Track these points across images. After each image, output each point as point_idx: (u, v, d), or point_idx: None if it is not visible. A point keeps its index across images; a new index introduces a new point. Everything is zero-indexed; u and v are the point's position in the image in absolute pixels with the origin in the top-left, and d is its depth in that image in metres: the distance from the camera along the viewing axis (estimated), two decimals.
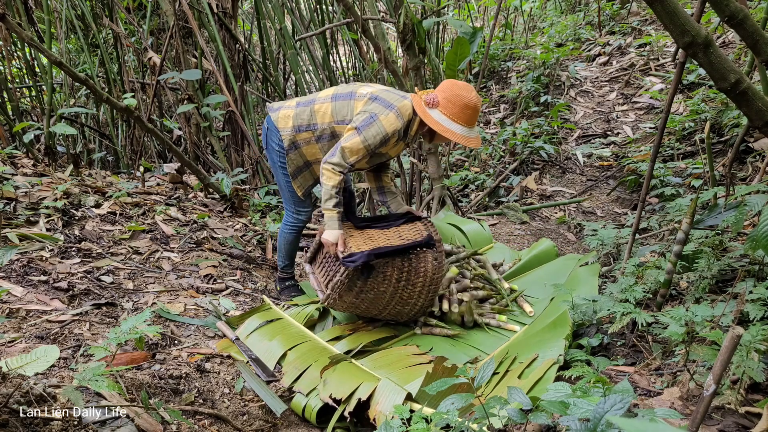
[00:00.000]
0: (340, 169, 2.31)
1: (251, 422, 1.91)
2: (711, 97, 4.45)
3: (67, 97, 5.18)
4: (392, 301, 2.39)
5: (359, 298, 2.35)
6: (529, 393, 1.76)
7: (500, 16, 7.14)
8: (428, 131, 2.43)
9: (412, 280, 2.37)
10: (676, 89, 2.35)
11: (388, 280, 2.33)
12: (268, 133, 2.62)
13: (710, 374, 1.13)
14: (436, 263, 2.40)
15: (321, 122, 2.47)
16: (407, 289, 2.38)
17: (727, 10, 1.68)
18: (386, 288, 2.34)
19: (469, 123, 2.33)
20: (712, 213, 2.35)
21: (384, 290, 2.35)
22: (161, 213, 3.54)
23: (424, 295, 2.42)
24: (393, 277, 2.33)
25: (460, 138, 2.30)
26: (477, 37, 3.97)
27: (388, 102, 2.33)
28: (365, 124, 2.28)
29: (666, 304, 2.14)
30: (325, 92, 2.52)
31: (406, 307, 2.44)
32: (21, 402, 1.36)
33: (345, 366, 2.14)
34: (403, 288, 2.37)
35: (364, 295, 2.34)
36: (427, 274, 2.38)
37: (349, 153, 2.30)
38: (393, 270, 2.33)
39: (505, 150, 5.18)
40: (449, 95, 2.30)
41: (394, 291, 2.36)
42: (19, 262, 2.46)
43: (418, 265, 2.37)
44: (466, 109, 2.30)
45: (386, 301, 2.39)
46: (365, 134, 2.27)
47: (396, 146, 2.46)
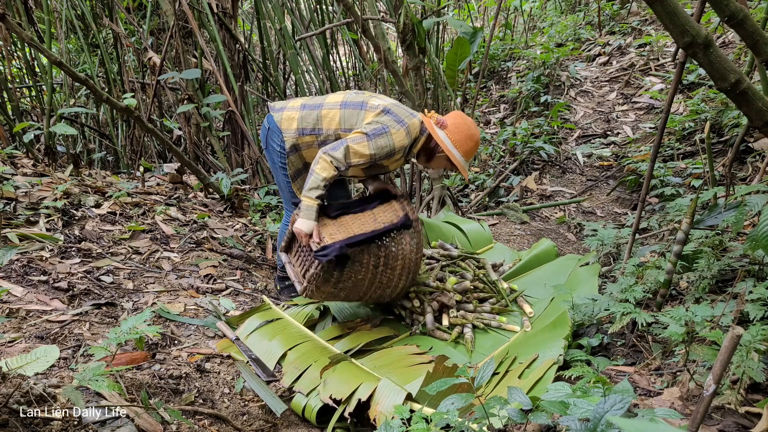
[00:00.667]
0: (338, 164, 2.28)
1: (251, 422, 1.91)
2: (711, 97, 4.45)
3: (67, 97, 5.18)
4: (372, 287, 2.37)
5: (337, 287, 2.31)
6: (529, 393, 1.76)
7: (500, 16, 7.14)
8: (426, 153, 2.46)
9: (390, 264, 2.33)
10: (676, 89, 2.35)
11: (365, 268, 2.29)
12: (269, 133, 2.59)
13: (710, 374, 1.13)
14: (414, 244, 2.37)
15: (327, 128, 2.45)
16: (386, 273, 2.34)
17: (727, 10, 1.68)
18: (364, 275, 2.31)
19: (468, 155, 2.41)
20: (712, 213, 2.35)
21: (362, 278, 2.31)
22: (161, 213, 3.54)
23: (405, 276, 2.40)
24: (370, 264, 2.29)
25: (459, 163, 2.37)
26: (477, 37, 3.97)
27: (400, 118, 2.34)
28: (376, 133, 2.28)
29: (666, 304, 2.14)
30: (334, 98, 2.50)
31: (387, 290, 2.42)
32: (21, 402, 1.36)
33: (345, 366, 2.13)
34: (382, 273, 2.33)
35: (342, 284, 2.30)
36: (406, 257, 2.35)
37: (353, 154, 2.28)
38: (369, 257, 2.29)
39: (505, 150, 5.18)
40: (458, 122, 2.39)
41: (372, 277, 2.33)
42: (19, 262, 2.46)
43: (396, 248, 2.34)
44: (469, 141, 2.38)
45: (366, 287, 2.35)
46: (374, 143, 2.27)
47: (397, 161, 2.46)
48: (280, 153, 2.56)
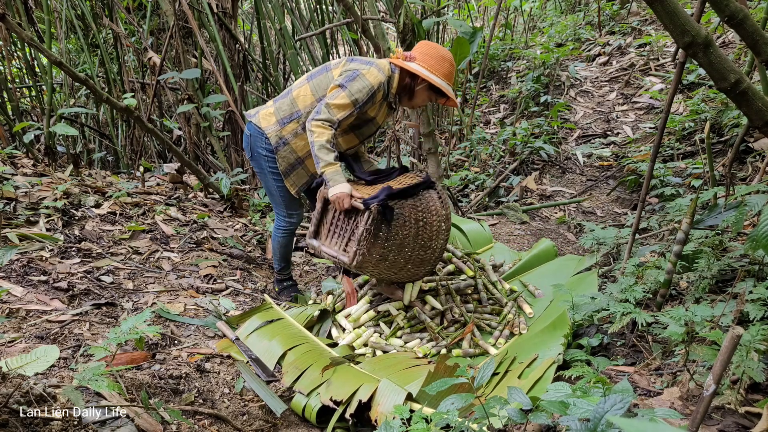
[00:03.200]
0: (329, 124, 2.26)
1: (251, 422, 1.91)
2: (711, 97, 4.45)
3: (67, 97, 5.18)
4: (416, 246, 2.36)
5: (386, 248, 2.29)
6: (529, 393, 1.76)
7: (500, 16, 7.14)
8: (407, 91, 2.42)
9: (428, 218, 2.36)
10: (676, 89, 2.35)
11: (408, 222, 2.31)
12: (251, 140, 2.57)
13: (710, 374, 1.13)
14: (441, 201, 2.41)
15: (303, 106, 2.45)
16: (426, 228, 2.36)
17: (727, 10, 1.68)
18: (408, 230, 2.31)
19: (448, 78, 2.35)
20: (712, 213, 2.35)
21: (407, 233, 2.31)
22: (161, 213, 3.54)
23: (442, 234, 2.42)
24: (411, 218, 2.31)
25: (441, 86, 2.33)
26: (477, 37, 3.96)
27: (366, 60, 2.37)
28: (349, 79, 2.28)
29: (666, 304, 2.14)
30: (299, 79, 2.54)
31: (428, 252, 2.41)
32: (21, 402, 1.36)
33: (344, 369, 2.14)
34: (422, 228, 2.34)
35: (390, 243, 2.29)
36: (439, 211, 2.38)
37: (336, 108, 2.26)
38: (410, 211, 2.31)
39: (505, 150, 5.17)
40: (425, 50, 2.36)
41: (415, 233, 2.33)
42: (19, 262, 2.46)
43: (428, 204, 2.37)
44: (443, 61, 2.34)
45: (410, 246, 2.35)
46: (350, 88, 2.26)
47: (381, 108, 2.45)
48: (267, 156, 2.54)
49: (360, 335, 2.47)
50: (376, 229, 2.24)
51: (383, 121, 2.54)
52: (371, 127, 2.51)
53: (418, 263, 2.43)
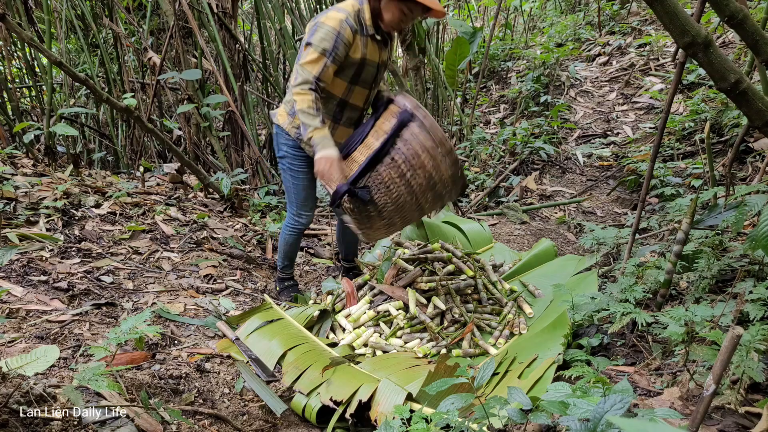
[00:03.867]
0: (308, 86, 2.19)
1: (251, 422, 1.91)
2: (711, 97, 4.45)
3: (67, 97, 5.18)
4: (420, 192, 2.17)
5: (384, 216, 2.19)
6: (529, 393, 1.76)
7: (500, 16, 7.14)
8: (385, 12, 2.26)
9: (415, 162, 2.12)
10: (676, 89, 2.35)
11: (393, 183, 2.13)
12: (276, 138, 2.61)
13: (710, 374, 1.13)
14: (426, 130, 2.12)
15: None
16: (417, 174, 2.13)
17: (727, 10, 1.68)
18: (398, 190, 2.14)
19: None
20: (712, 213, 2.35)
21: (398, 193, 2.14)
22: (161, 213, 3.54)
23: (443, 159, 2.13)
24: (393, 178, 2.13)
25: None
26: (477, 37, 3.97)
27: (327, 10, 2.31)
28: (311, 33, 2.23)
29: (666, 304, 2.14)
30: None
31: (438, 185, 2.18)
32: (21, 402, 1.36)
33: (344, 368, 2.14)
34: (413, 177, 2.12)
35: (386, 211, 2.17)
36: (426, 144, 2.11)
37: (308, 65, 2.20)
38: (387, 173, 2.13)
39: (505, 150, 5.17)
40: None
41: (407, 186, 2.14)
42: (19, 262, 2.46)
43: (410, 147, 2.13)
44: None
45: (411, 198, 2.18)
46: (314, 41, 2.19)
47: (367, 46, 2.32)
48: (289, 152, 2.55)
49: (360, 335, 2.47)
50: (361, 213, 2.16)
51: (381, 59, 2.41)
52: (369, 69, 2.38)
53: (436, 199, 2.23)
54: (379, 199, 2.16)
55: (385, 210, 2.19)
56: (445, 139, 2.14)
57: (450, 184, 2.24)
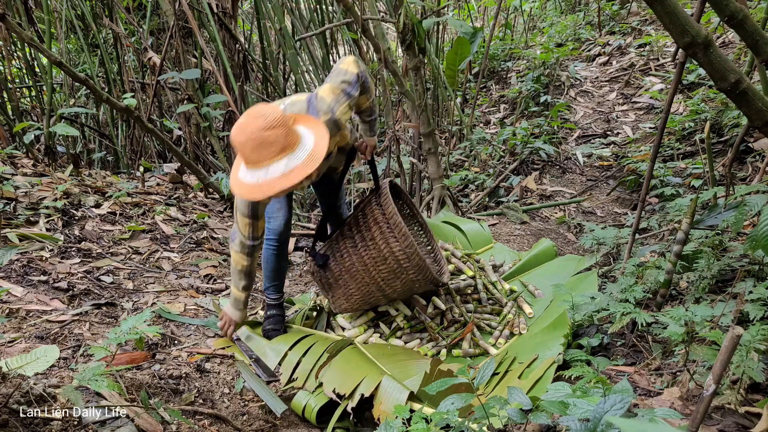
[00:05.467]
0: (246, 250, 2.09)
1: (251, 422, 1.91)
2: (711, 97, 4.45)
3: (67, 97, 5.18)
4: (372, 265, 2.25)
5: (341, 285, 2.36)
6: (529, 393, 1.76)
7: (500, 16, 7.14)
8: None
9: (366, 235, 2.24)
10: (676, 89, 2.34)
11: (345, 253, 2.30)
12: None
13: (710, 374, 1.13)
14: (381, 207, 2.21)
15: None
16: (370, 246, 2.23)
17: (727, 10, 1.68)
18: (351, 261, 2.28)
19: (253, 163, 1.66)
20: (712, 213, 2.35)
21: (351, 263, 2.29)
22: (161, 213, 3.54)
23: (393, 237, 2.17)
24: (347, 248, 2.30)
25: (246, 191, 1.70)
26: (477, 37, 3.97)
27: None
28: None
29: (666, 304, 2.14)
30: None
31: (391, 262, 2.21)
32: (21, 402, 1.36)
33: (348, 354, 2.15)
34: (365, 248, 2.25)
35: (342, 279, 2.34)
36: (378, 219, 2.19)
37: (240, 230, 2.05)
38: (344, 241, 2.32)
39: (505, 150, 5.17)
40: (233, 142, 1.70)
41: (360, 258, 2.27)
42: (19, 262, 2.46)
43: (366, 221, 2.25)
44: (243, 149, 1.66)
45: (365, 269, 2.27)
46: (237, 205, 2.02)
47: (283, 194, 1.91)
48: None
49: (360, 333, 2.47)
50: (321, 277, 2.39)
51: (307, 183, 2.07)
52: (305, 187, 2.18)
53: (394, 276, 2.26)
54: (335, 267, 2.33)
55: (341, 278, 2.34)
56: (393, 215, 2.17)
57: (414, 271, 2.23)
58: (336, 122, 1.91)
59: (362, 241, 2.27)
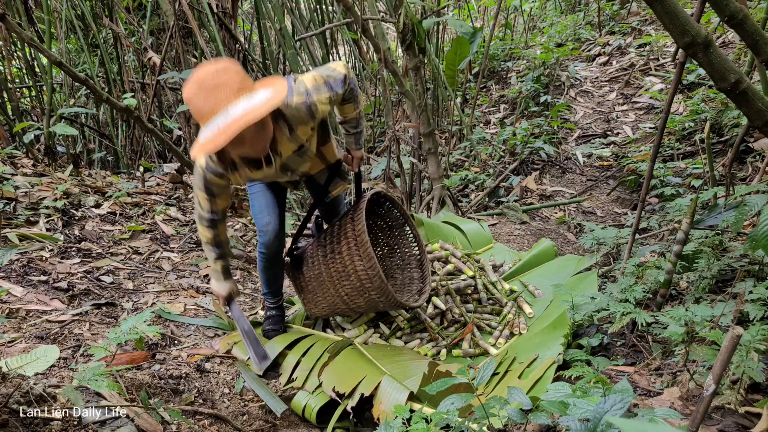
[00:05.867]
0: (205, 223, 2.06)
1: (251, 422, 1.91)
2: (711, 97, 4.45)
3: (67, 97, 5.18)
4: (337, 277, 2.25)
5: (311, 291, 2.38)
6: (529, 393, 1.76)
7: (500, 16, 7.14)
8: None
9: (335, 248, 2.25)
10: (676, 89, 2.34)
11: (315, 260, 2.33)
12: None
13: (710, 374, 1.13)
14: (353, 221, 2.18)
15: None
16: (336, 259, 2.23)
17: (727, 10, 1.68)
18: (319, 269, 2.31)
19: (209, 112, 1.51)
20: (712, 213, 2.35)
21: (318, 271, 2.32)
22: (161, 213, 3.54)
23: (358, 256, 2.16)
24: (318, 255, 2.32)
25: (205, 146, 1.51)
26: (477, 37, 3.97)
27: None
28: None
29: (666, 304, 2.14)
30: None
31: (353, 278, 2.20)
32: (21, 402, 1.36)
33: (348, 354, 2.15)
34: (331, 259, 2.26)
35: (311, 285, 2.37)
36: (348, 234, 2.19)
37: (199, 203, 2.02)
38: (314, 249, 2.35)
39: (505, 150, 5.17)
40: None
41: (327, 269, 2.28)
42: (19, 262, 2.46)
43: (340, 231, 2.25)
44: (196, 101, 1.52)
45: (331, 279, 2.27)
46: (193, 183, 1.99)
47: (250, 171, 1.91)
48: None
49: (360, 333, 2.47)
50: (295, 277, 2.42)
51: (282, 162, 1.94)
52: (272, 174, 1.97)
53: (357, 294, 2.24)
54: (307, 272, 2.37)
55: (310, 284, 2.37)
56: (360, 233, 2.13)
57: (376, 293, 2.19)
58: (310, 107, 1.79)
59: (331, 253, 2.27)
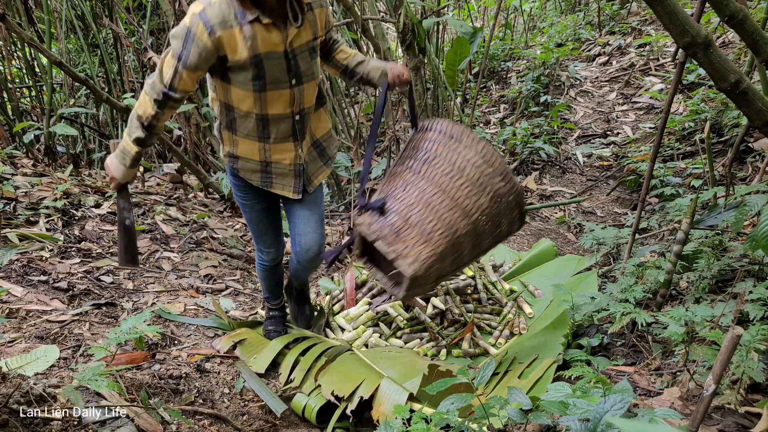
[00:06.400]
0: (154, 95, 1.68)
1: (251, 422, 1.91)
2: (711, 97, 4.45)
3: (67, 97, 5.18)
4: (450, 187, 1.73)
5: (416, 224, 1.70)
6: (529, 393, 1.76)
7: (500, 16, 7.14)
8: None
9: (428, 157, 1.77)
10: (676, 89, 2.34)
11: (410, 183, 1.77)
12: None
13: (710, 374, 1.13)
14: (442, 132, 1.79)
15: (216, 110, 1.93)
16: (435, 165, 1.76)
17: (727, 10, 1.68)
18: (418, 187, 1.75)
19: None
20: (712, 213, 2.36)
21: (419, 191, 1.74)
22: (161, 213, 3.54)
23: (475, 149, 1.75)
24: (409, 178, 1.79)
25: None
26: (477, 37, 3.97)
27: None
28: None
29: (666, 304, 2.14)
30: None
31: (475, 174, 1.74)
32: (21, 402, 1.36)
33: (346, 358, 2.14)
34: (430, 166, 1.77)
35: (414, 216, 1.71)
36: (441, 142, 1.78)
37: (160, 71, 1.68)
38: (399, 177, 1.81)
39: (505, 150, 5.17)
40: None
41: (430, 181, 1.75)
42: (19, 262, 2.46)
43: (420, 145, 1.82)
44: None
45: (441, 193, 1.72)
46: (170, 38, 1.67)
47: (256, 37, 1.64)
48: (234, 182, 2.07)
49: (359, 335, 2.47)
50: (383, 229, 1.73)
51: (291, 44, 1.72)
52: (274, 64, 1.70)
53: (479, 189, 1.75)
54: (398, 205, 1.75)
55: (411, 214, 1.72)
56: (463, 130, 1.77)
57: (500, 179, 1.76)
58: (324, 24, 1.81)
59: (425, 163, 1.78)
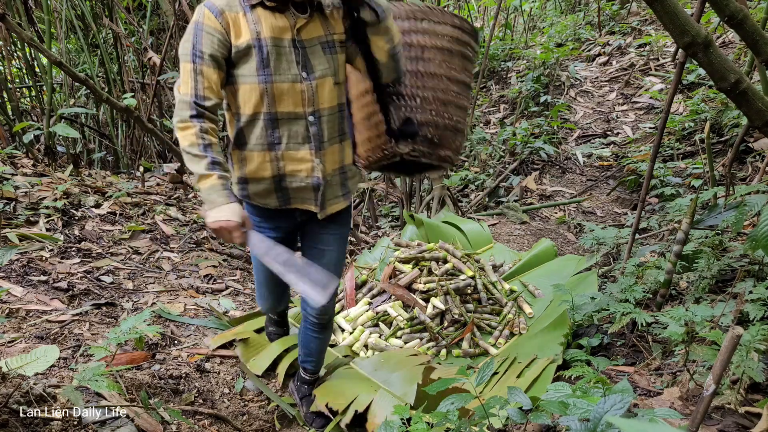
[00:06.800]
0: (187, 114, 1.48)
1: (251, 422, 1.91)
2: (711, 97, 4.45)
3: (67, 97, 5.18)
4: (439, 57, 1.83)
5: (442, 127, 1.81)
6: (529, 393, 1.76)
7: (500, 16, 7.14)
8: None
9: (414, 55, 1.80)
10: (676, 89, 2.34)
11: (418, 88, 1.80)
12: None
13: (710, 374, 1.13)
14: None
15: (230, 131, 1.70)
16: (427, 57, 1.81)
17: (727, 10, 1.68)
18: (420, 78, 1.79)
19: None
20: (712, 213, 2.36)
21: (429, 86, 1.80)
22: (161, 213, 3.54)
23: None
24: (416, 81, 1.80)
25: None
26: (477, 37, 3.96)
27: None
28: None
29: (666, 304, 2.14)
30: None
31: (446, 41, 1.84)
32: (21, 402, 1.36)
33: (342, 372, 2.12)
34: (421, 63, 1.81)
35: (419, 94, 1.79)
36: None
37: (181, 89, 1.51)
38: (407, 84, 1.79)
39: (505, 150, 5.17)
40: None
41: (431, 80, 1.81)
42: (19, 262, 2.46)
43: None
44: None
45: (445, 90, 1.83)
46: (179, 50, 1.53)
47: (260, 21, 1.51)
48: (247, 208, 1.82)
49: (359, 337, 2.47)
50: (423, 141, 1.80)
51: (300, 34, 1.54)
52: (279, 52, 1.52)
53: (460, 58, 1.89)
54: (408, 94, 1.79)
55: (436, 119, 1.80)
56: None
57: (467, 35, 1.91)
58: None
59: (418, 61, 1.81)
